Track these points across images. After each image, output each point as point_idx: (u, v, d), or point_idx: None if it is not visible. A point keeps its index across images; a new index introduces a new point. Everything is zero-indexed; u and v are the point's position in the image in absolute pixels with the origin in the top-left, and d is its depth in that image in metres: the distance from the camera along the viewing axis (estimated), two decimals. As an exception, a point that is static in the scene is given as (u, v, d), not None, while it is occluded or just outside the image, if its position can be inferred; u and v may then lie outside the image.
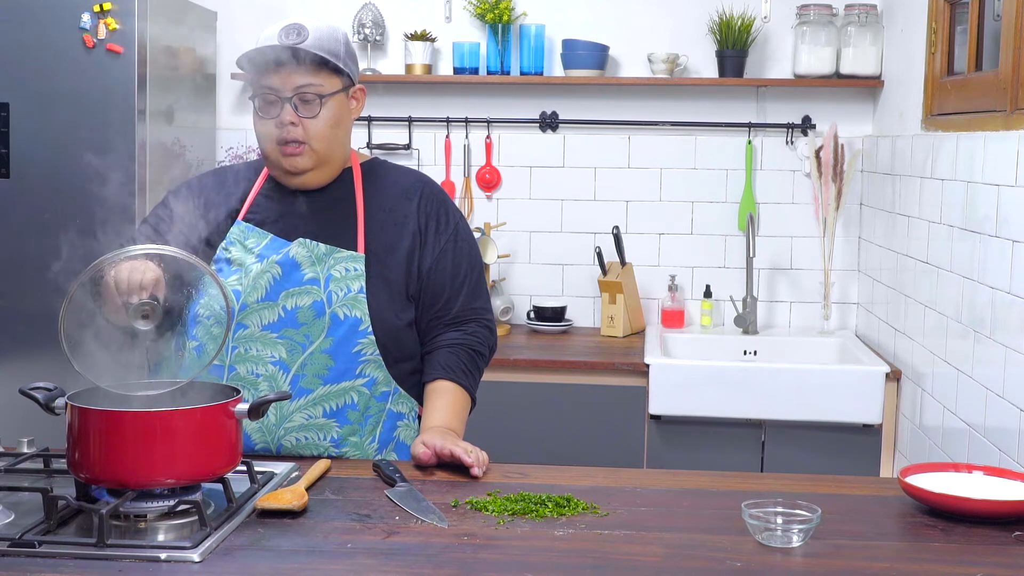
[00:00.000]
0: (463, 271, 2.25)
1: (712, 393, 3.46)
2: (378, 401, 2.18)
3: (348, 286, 2.12)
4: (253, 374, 2.11)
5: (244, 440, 2.07)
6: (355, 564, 1.60)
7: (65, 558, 1.59)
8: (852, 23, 3.92)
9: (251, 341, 2.11)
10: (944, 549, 1.70)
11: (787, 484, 2.03)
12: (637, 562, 1.62)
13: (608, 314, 3.99)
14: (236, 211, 2.21)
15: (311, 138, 2.11)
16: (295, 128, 2.10)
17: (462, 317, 2.24)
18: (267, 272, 2.12)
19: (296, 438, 2.13)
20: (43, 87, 3.51)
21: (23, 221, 3.54)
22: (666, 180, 4.16)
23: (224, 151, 4.20)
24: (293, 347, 2.11)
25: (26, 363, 3.56)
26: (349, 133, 2.22)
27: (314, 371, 2.12)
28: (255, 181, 2.25)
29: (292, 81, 2.09)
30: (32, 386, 1.86)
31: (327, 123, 2.12)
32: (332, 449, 2.14)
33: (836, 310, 4.11)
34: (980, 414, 2.73)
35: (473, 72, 4.08)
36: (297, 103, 2.10)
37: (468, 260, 2.26)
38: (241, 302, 2.11)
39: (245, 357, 2.12)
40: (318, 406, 2.12)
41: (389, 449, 2.23)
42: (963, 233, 2.88)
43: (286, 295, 2.11)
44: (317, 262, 2.13)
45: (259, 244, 2.15)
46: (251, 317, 2.11)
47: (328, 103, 2.12)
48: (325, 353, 2.11)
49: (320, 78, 2.11)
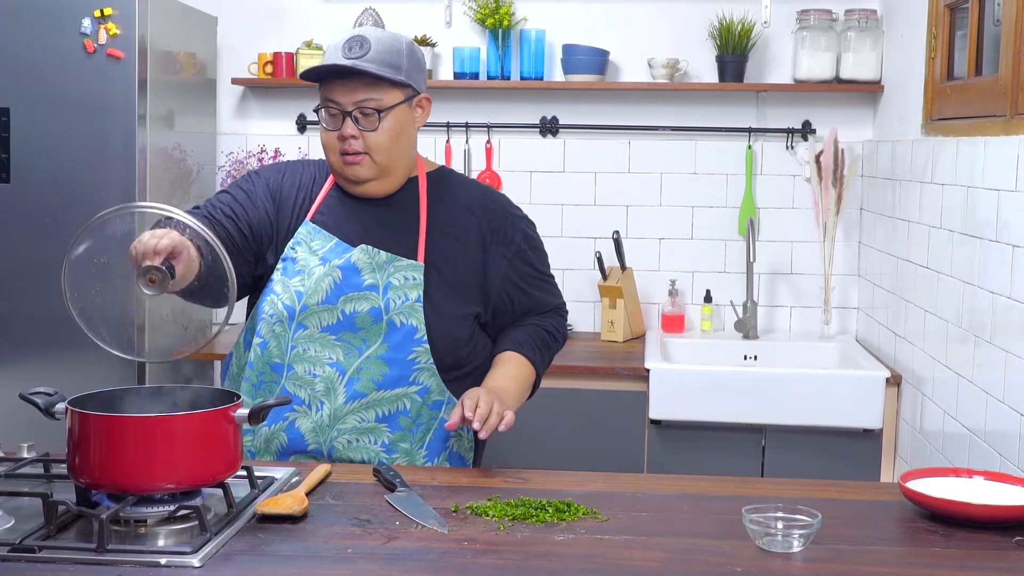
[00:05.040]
0: (533, 281, 2.33)
1: (712, 398, 3.46)
2: (430, 409, 2.20)
3: (406, 294, 2.16)
4: (310, 374, 2.16)
5: (297, 441, 2.15)
6: (355, 569, 1.60)
7: (65, 563, 1.59)
8: (852, 28, 3.92)
9: (310, 342, 2.16)
10: (944, 554, 1.69)
11: (788, 489, 2.03)
12: (637, 567, 1.62)
13: (608, 319, 3.99)
14: (305, 207, 2.24)
15: (371, 150, 2.16)
16: (356, 141, 2.15)
17: (544, 311, 2.37)
18: (328, 276, 2.16)
19: (348, 440, 2.16)
20: (44, 92, 3.52)
21: (23, 226, 3.54)
22: (666, 185, 4.16)
23: (224, 156, 4.21)
24: (350, 350, 2.15)
25: (26, 368, 3.56)
26: (413, 142, 2.25)
27: (369, 375, 2.15)
28: (324, 183, 2.28)
29: (353, 95, 2.13)
30: (32, 391, 1.86)
31: (387, 135, 2.16)
32: (383, 454, 2.17)
33: (836, 315, 4.11)
34: (980, 419, 2.73)
35: (473, 77, 4.08)
36: (358, 116, 2.14)
37: (536, 268, 2.35)
38: (302, 303, 2.16)
39: (303, 357, 2.16)
40: (371, 410, 2.16)
41: (442, 458, 2.24)
42: (963, 238, 2.88)
43: (345, 299, 2.15)
44: (377, 269, 2.17)
45: (323, 247, 2.19)
46: (311, 319, 2.16)
47: (388, 115, 2.15)
48: (380, 359, 2.15)
49: (380, 92, 2.14)
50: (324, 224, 2.22)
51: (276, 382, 2.18)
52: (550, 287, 2.39)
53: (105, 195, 3.53)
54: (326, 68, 2.13)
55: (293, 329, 2.16)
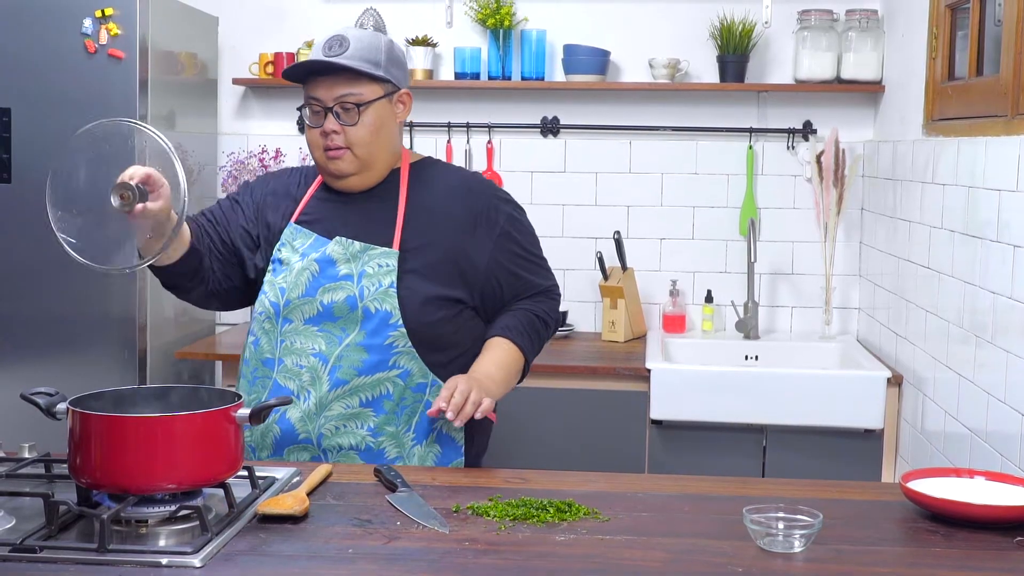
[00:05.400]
0: (521, 263, 2.34)
1: (713, 398, 3.46)
2: (414, 392, 2.23)
3: (380, 281, 2.21)
4: (298, 366, 2.22)
5: (289, 431, 2.21)
6: (356, 569, 1.60)
7: (66, 563, 1.59)
8: (853, 28, 3.92)
9: (295, 335, 2.23)
10: (945, 555, 1.69)
11: (789, 489, 2.03)
12: (638, 567, 1.62)
13: (609, 319, 3.99)
14: (291, 210, 2.34)
15: (352, 144, 2.23)
16: (337, 136, 2.22)
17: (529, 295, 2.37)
18: (307, 269, 2.23)
19: (335, 426, 2.21)
20: (45, 92, 3.52)
21: (24, 226, 3.54)
22: (667, 185, 4.16)
23: (225, 156, 4.21)
24: (331, 339, 2.21)
25: (27, 368, 3.56)
26: (395, 136, 2.31)
27: (349, 362, 2.20)
28: (310, 186, 2.36)
29: (333, 92, 2.21)
30: (33, 391, 1.87)
31: (367, 129, 2.23)
32: (369, 438, 2.21)
33: (837, 315, 4.11)
34: (982, 419, 2.73)
35: (474, 77, 4.08)
36: (339, 111, 2.21)
37: (525, 249, 2.36)
38: (285, 298, 2.24)
39: (291, 350, 2.23)
40: (354, 396, 2.20)
41: (430, 440, 2.26)
42: (964, 238, 2.88)
43: (323, 290, 2.22)
44: (352, 259, 2.23)
45: (304, 244, 2.27)
46: (295, 312, 2.23)
47: (367, 110, 2.22)
48: (359, 345, 2.20)
49: (359, 87, 2.21)
50: (307, 223, 2.30)
51: (269, 376, 2.24)
52: (539, 268, 2.39)
53: (106, 195, 3.53)
54: (303, 65, 2.21)
55: (280, 324, 2.24)
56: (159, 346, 3.68)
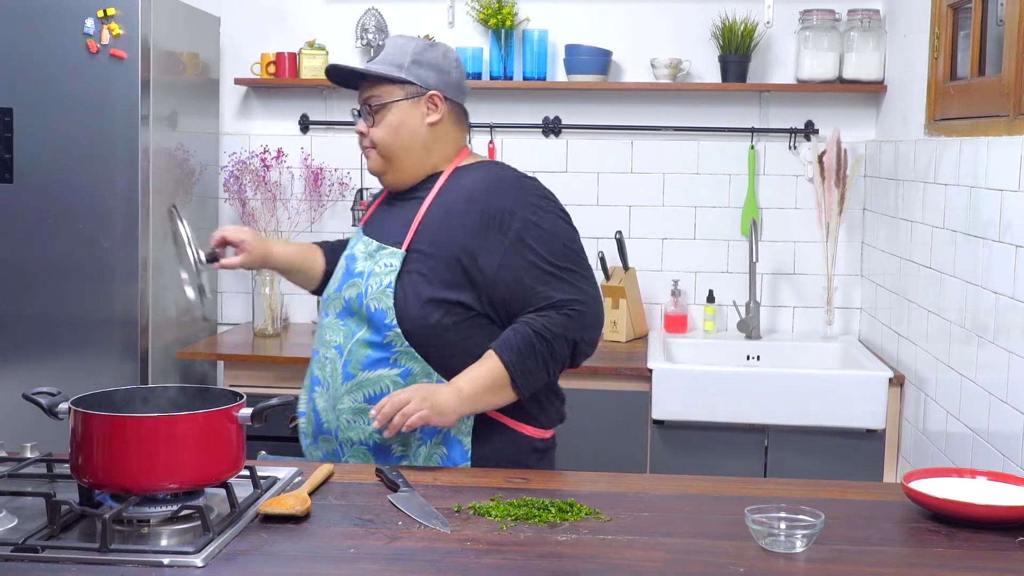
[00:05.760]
0: (534, 272, 2.21)
1: (715, 398, 3.46)
2: None
3: (381, 280, 2.24)
4: (324, 357, 2.31)
5: (318, 422, 2.28)
6: (358, 569, 1.60)
7: (68, 563, 1.59)
8: (855, 28, 3.92)
9: (327, 327, 2.33)
10: (947, 555, 1.69)
11: (790, 489, 2.03)
12: (640, 567, 1.62)
13: (611, 319, 3.98)
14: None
15: (376, 143, 2.33)
16: (364, 136, 2.36)
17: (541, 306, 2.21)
18: (341, 268, 2.38)
19: (347, 420, 2.24)
20: (46, 92, 3.52)
21: (26, 226, 3.54)
22: (669, 185, 4.16)
23: (227, 156, 4.21)
24: (347, 334, 2.28)
25: (28, 368, 3.57)
26: (422, 136, 2.33)
27: (356, 357, 2.24)
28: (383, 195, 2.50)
29: (363, 94, 2.35)
30: (35, 391, 1.87)
31: (386, 130, 2.31)
32: (375, 434, 2.22)
33: (839, 315, 4.11)
34: (984, 419, 2.73)
35: (476, 77, 4.08)
36: (365, 112, 2.34)
37: (542, 257, 2.22)
38: (326, 293, 2.40)
39: (322, 341, 2.33)
40: (359, 391, 2.23)
41: (436, 441, 2.24)
42: (966, 238, 2.88)
43: (347, 287, 2.31)
44: (368, 257, 2.30)
45: (353, 243, 2.41)
46: (329, 306, 2.35)
47: (386, 111, 2.31)
48: (365, 341, 2.25)
49: (381, 89, 2.31)
50: (364, 224, 2.44)
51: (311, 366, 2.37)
52: (556, 280, 2.21)
53: (108, 195, 3.53)
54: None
55: (322, 316, 2.37)
56: (161, 346, 3.68)
